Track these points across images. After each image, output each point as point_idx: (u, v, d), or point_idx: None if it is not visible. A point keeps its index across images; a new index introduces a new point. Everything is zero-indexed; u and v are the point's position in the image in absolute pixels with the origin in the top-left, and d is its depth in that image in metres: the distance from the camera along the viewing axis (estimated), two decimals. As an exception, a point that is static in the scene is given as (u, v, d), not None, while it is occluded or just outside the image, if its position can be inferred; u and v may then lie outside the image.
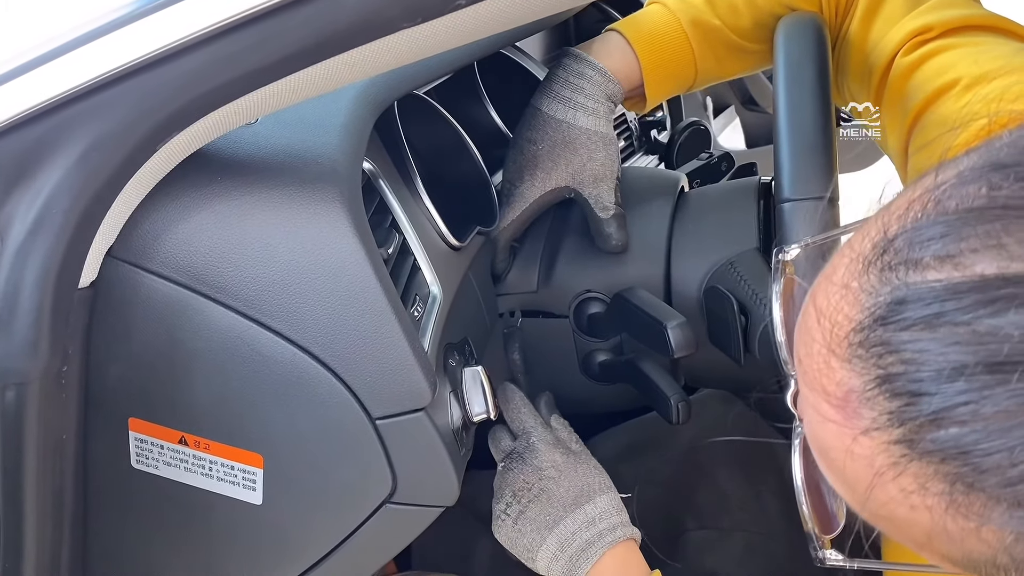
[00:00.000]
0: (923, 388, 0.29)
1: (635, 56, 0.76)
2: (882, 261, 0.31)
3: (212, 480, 0.59)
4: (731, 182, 0.88)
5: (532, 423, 0.70)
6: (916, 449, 0.29)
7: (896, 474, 0.30)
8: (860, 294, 0.31)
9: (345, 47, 0.47)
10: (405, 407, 0.56)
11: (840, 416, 0.31)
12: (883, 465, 0.30)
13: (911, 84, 0.65)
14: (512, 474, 0.68)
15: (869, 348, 0.30)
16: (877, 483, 0.31)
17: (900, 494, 0.31)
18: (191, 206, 0.55)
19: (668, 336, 0.65)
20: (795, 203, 0.58)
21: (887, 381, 0.30)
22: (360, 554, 0.61)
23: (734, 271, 0.71)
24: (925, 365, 0.29)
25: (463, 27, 0.48)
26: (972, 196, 0.30)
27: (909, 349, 0.29)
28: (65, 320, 0.53)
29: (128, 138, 0.49)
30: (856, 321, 0.31)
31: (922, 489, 0.30)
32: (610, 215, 0.75)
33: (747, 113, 1.80)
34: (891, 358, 0.30)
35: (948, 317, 0.28)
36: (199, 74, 0.47)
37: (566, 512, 0.66)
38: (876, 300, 0.30)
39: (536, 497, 0.67)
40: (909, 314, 0.29)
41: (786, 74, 0.64)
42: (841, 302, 0.32)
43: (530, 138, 0.75)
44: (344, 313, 0.54)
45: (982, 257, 0.28)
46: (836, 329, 0.32)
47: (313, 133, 0.58)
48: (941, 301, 0.28)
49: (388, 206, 0.65)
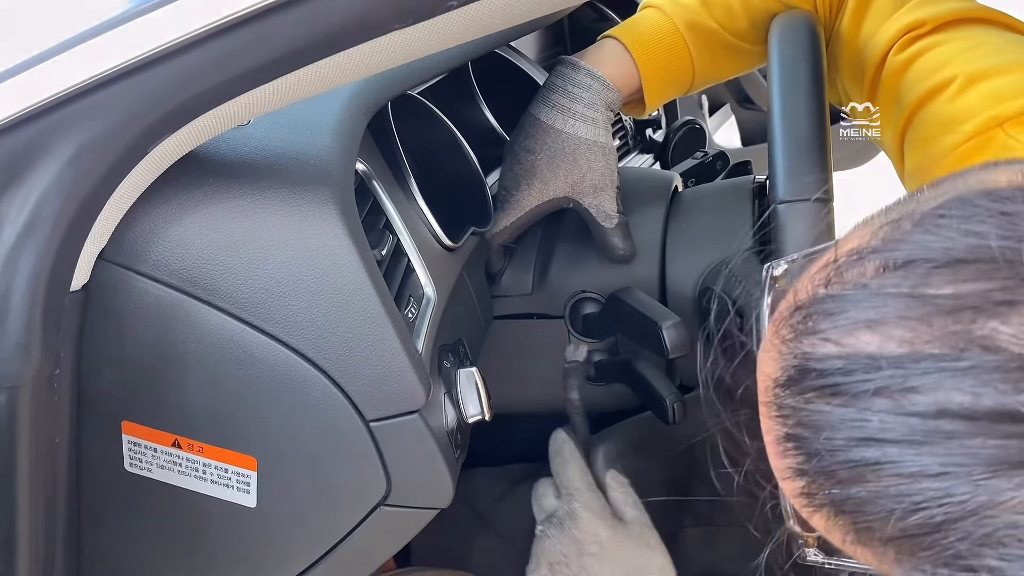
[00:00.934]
0: (815, 451, 0.32)
1: (633, 62, 0.75)
2: (788, 327, 0.34)
3: (206, 483, 0.59)
4: (725, 181, 0.88)
5: (578, 483, 0.66)
6: (814, 501, 0.33)
7: (809, 514, 0.34)
8: (776, 354, 0.34)
9: (337, 48, 0.47)
10: (399, 409, 0.56)
11: (772, 456, 0.35)
12: (799, 505, 0.34)
13: (904, 81, 0.64)
14: (549, 543, 0.64)
15: (780, 407, 0.34)
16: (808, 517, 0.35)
17: (819, 527, 0.34)
18: (183, 208, 0.54)
19: (663, 336, 0.65)
20: (789, 204, 0.58)
21: (792, 439, 0.33)
22: (355, 557, 0.61)
23: (729, 272, 0.71)
24: (816, 432, 0.32)
25: (456, 28, 0.48)
26: (863, 275, 0.32)
27: (805, 415, 0.32)
28: (57, 323, 0.53)
29: (119, 141, 0.48)
30: (773, 379, 0.34)
31: (828, 532, 0.34)
32: (614, 224, 0.74)
33: (743, 111, 1.80)
34: (793, 419, 0.33)
35: (836, 390, 0.31)
36: (190, 76, 0.47)
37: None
38: (785, 363, 0.34)
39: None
40: (807, 383, 0.32)
41: (780, 74, 0.64)
42: (765, 359, 0.35)
43: (528, 147, 0.75)
44: (337, 315, 0.54)
45: (864, 337, 0.31)
46: (762, 383, 0.35)
47: (306, 134, 0.58)
48: (831, 375, 0.31)
49: (382, 207, 0.64)
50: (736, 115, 1.82)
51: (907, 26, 0.66)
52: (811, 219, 0.57)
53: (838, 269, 0.33)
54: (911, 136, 0.63)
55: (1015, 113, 0.57)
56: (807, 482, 0.33)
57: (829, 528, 0.33)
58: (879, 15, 0.69)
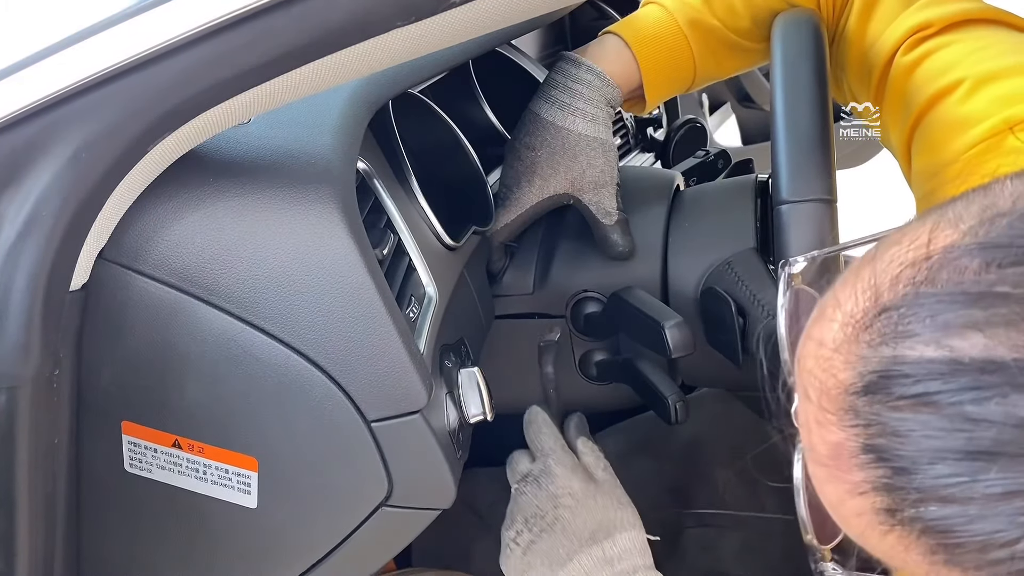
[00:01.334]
0: (907, 465, 0.30)
1: (633, 58, 0.75)
2: (873, 330, 0.31)
3: (206, 484, 0.58)
4: (728, 180, 0.88)
5: (551, 444, 0.67)
6: (898, 518, 0.31)
7: (882, 533, 0.32)
8: (851, 357, 0.32)
9: (339, 46, 0.47)
10: (401, 409, 0.56)
11: (833, 465, 0.33)
12: (871, 523, 0.32)
13: (912, 83, 0.64)
14: (525, 499, 0.64)
15: (857, 415, 0.31)
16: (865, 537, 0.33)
17: (886, 548, 0.32)
18: (183, 207, 0.54)
19: (666, 336, 0.65)
20: (793, 205, 0.58)
21: (873, 451, 0.31)
22: (356, 557, 0.60)
23: (731, 271, 0.71)
24: (909, 443, 0.30)
25: (457, 26, 0.48)
26: (964, 272, 0.30)
27: (895, 425, 0.30)
28: (56, 323, 0.52)
29: (119, 139, 0.48)
30: (846, 384, 0.32)
31: (905, 551, 0.31)
32: (613, 221, 0.74)
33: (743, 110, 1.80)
34: (877, 429, 0.30)
35: (933, 398, 0.29)
36: (191, 74, 0.47)
37: (581, 547, 0.61)
38: (865, 368, 0.31)
39: (549, 527, 0.63)
40: (896, 390, 0.30)
41: (783, 73, 0.63)
42: (832, 363, 0.33)
43: (528, 144, 0.74)
44: (338, 315, 0.54)
45: (969, 339, 0.29)
46: (827, 389, 0.33)
47: (307, 133, 0.57)
48: (927, 381, 0.29)
49: (383, 206, 0.64)
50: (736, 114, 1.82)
51: (914, 27, 0.65)
52: (815, 220, 0.57)
53: (931, 268, 0.31)
54: (919, 138, 0.63)
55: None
56: (892, 498, 0.30)
57: (906, 547, 0.31)
58: (886, 15, 0.69)
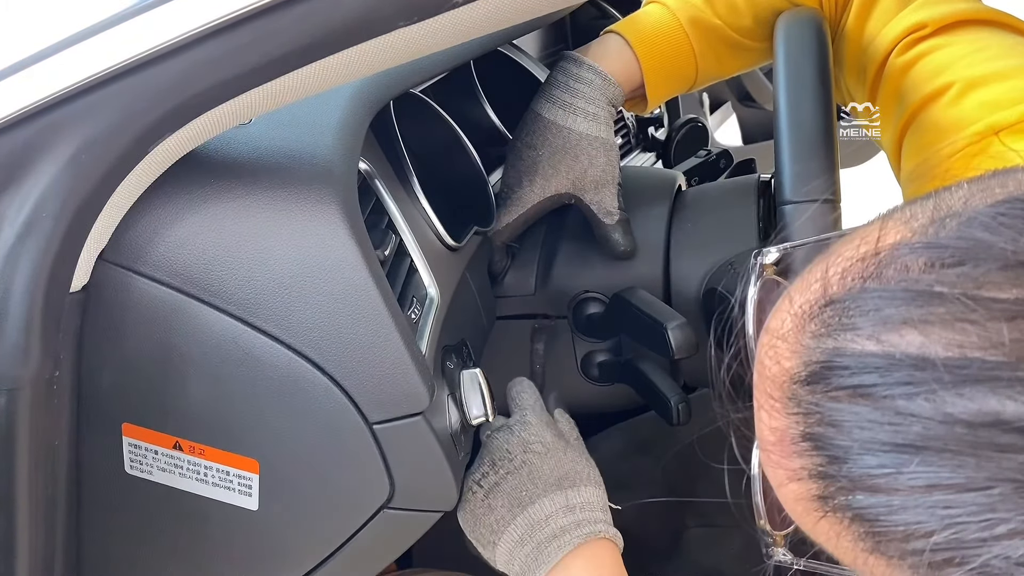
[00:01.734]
0: (839, 454, 0.30)
1: (635, 58, 0.75)
2: (818, 321, 0.32)
3: (207, 486, 0.58)
4: (730, 180, 0.88)
5: (531, 401, 0.67)
6: (830, 505, 0.31)
7: (815, 520, 0.32)
8: (798, 347, 0.32)
9: (340, 46, 0.46)
10: (402, 411, 0.55)
11: (776, 451, 0.34)
12: (806, 508, 0.33)
13: (905, 84, 0.64)
14: (495, 443, 0.64)
15: (799, 403, 0.32)
16: (802, 521, 0.33)
17: (820, 534, 0.33)
18: (184, 208, 0.54)
19: (668, 337, 0.65)
20: (796, 205, 0.57)
21: (811, 439, 0.31)
22: (358, 560, 0.60)
23: (734, 272, 0.70)
24: (843, 433, 0.30)
25: (459, 26, 0.48)
26: (908, 270, 0.30)
27: (831, 415, 0.31)
28: (57, 325, 0.52)
29: (119, 140, 0.48)
30: (792, 373, 0.32)
31: (836, 537, 0.32)
32: (615, 221, 0.74)
33: (743, 109, 1.80)
34: (816, 418, 0.31)
35: (868, 391, 0.29)
36: (191, 74, 0.47)
37: (546, 492, 0.61)
38: (810, 358, 0.32)
39: (516, 469, 0.62)
40: (835, 381, 0.31)
41: (786, 72, 0.63)
42: (779, 353, 0.33)
43: (530, 143, 0.74)
44: (340, 316, 0.53)
45: (906, 336, 0.29)
46: (774, 376, 0.33)
47: (308, 133, 0.57)
48: (863, 374, 0.30)
49: (384, 207, 0.64)
50: (737, 113, 1.82)
51: (909, 27, 0.65)
52: (818, 220, 0.56)
53: (879, 264, 0.31)
54: (909, 140, 0.63)
55: (1011, 122, 0.56)
56: (824, 485, 0.31)
57: (838, 534, 0.32)
58: (884, 15, 0.68)
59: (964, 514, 0.27)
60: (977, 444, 0.27)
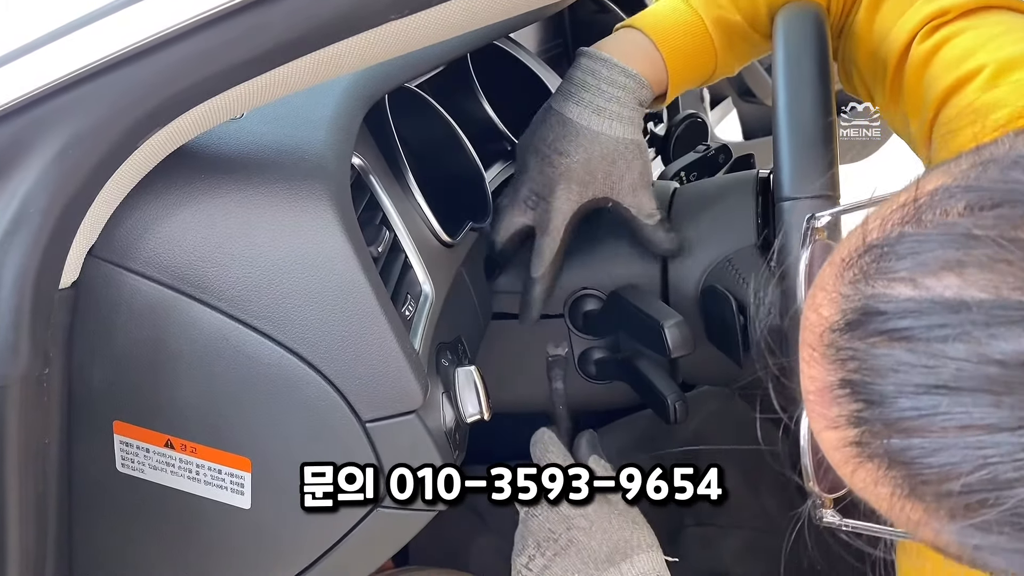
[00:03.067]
0: (877, 398, 0.31)
1: (662, 59, 0.73)
2: (857, 268, 0.33)
3: (199, 484, 0.58)
4: (728, 176, 0.87)
5: (560, 461, 0.64)
6: (867, 451, 0.32)
7: (854, 468, 0.33)
8: (836, 296, 0.33)
9: (331, 40, 0.46)
10: (396, 409, 0.55)
11: (816, 402, 0.34)
12: (844, 457, 0.33)
13: (931, 72, 0.63)
14: (535, 521, 0.62)
15: (838, 351, 0.32)
16: (841, 470, 0.34)
17: (860, 483, 0.33)
18: (174, 204, 0.53)
19: (665, 336, 0.64)
20: (795, 201, 0.57)
21: (850, 385, 0.32)
22: (351, 559, 0.60)
23: (732, 269, 0.70)
24: (879, 377, 0.31)
25: (453, 19, 0.47)
26: (947, 214, 0.30)
27: (869, 359, 0.31)
28: (46, 322, 0.51)
29: (107, 135, 0.47)
30: (830, 322, 0.33)
31: (874, 485, 0.32)
32: (656, 221, 0.73)
33: (744, 105, 1.79)
34: (854, 364, 0.32)
35: (904, 335, 0.30)
36: (180, 68, 0.46)
37: (598, 570, 0.59)
38: (847, 306, 0.32)
39: (563, 550, 0.60)
40: (872, 326, 0.31)
41: (785, 67, 0.63)
42: (820, 302, 0.34)
43: (560, 149, 0.71)
44: (333, 313, 0.53)
45: (944, 280, 0.29)
46: (814, 327, 0.34)
47: (300, 128, 0.57)
48: (900, 318, 0.30)
49: (379, 202, 0.63)
50: (738, 108, 1.81)
51: (931, 15, 0.64)
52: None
53: (918, 209, 0.31)
54: (940, 127, 0.62)
55: None
56: (862, 431, 0.31)
57: (876, 481, 0.32)
58: (898, 5, 0.67)
59: (997, 454, 0.27)
60: (1011, 384, 0.27)
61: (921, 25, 0.65)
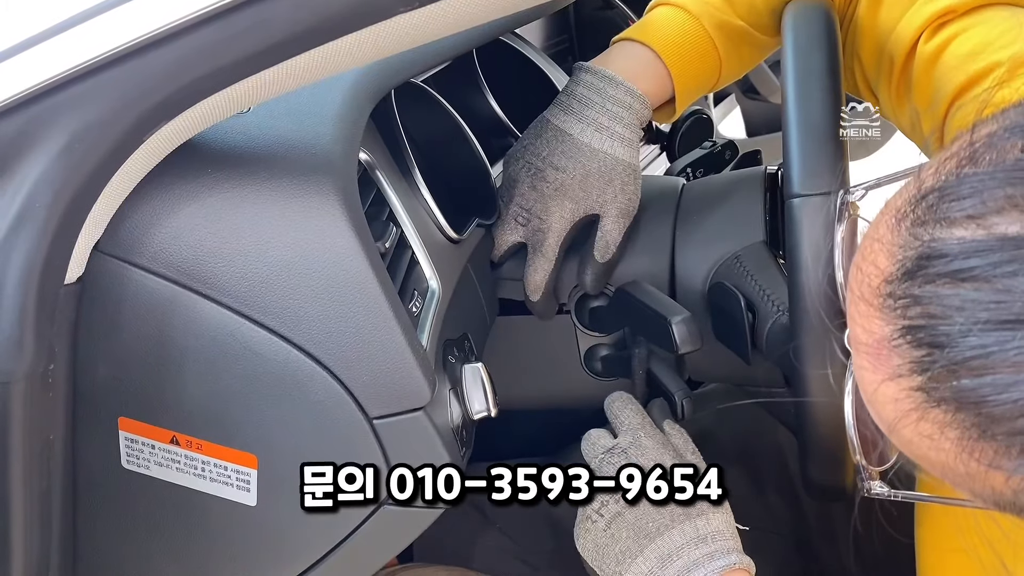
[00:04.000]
0: (943, 340, 0.31)
1: (667, 73, 0.72)
2: (914, 216, 0.33)
3: (205, 481, 0.57)
4: (736, 172, 0.87)
5: (639, 420, 0.64)
6: (934, 396, 0.32)
7: (917, 418, 0.33)
8: (892, 247, 0.33)
9: (339, 33, 0.45)
10: (403, 406, 0.54)
11: (872, 362, 0.34)
12: (906, 409, 0.33)
13: (939, 69, 0.62)
14: (609, 468, 0.60)
15: (897, 300, 0.32)
16: (902, 424, 0.33)
17: (920, 436, 0.33)
18: (181, 199, 0.53)
19: (672, 331, 0.64)
20: (805, 199, 0.56)
21: (912, 332, 0.32)
22: (357, 557, 0.59)
23: (740, 266, 0.69)
24: (946, 319, 0.30)
25: (462, 12, 0.47)
26: (1006, 152, 0.31)
27: (932, 303, 0.31)
28: (51, 317, 0.51)
29: (113, 128, 0.47)
30: (887, 273, 0.33)
31: (939, 433, 0.32)
32: (603, 260, 0.72)
33: (748, 102, 1.79)
34: (916, 310, 0.32)
35: (969, 274, 0.30)
36: (188, 61, 0.46)
37: (673, 522, 0.58)
38: (905, 254, 0.32)
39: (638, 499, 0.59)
40: (934, 269, 0.31)
41: (795, 63, 0.62)
42: (875, 255, 0.34)
43: (557, 164, 0.70)
44: (340, 309, 0.52)
45: (1008, 217, 0.29)
46: (870, 280, 0.34)
47: (307, 123, 0.56)
48: (963, 258, 0.30)
49: (385, 198, 0.63)
50: (741, 106, 1.81)
51: (937, 13, 0.63)
52: (827, 213, 0.55)
53: (975, 151, 0.31)
54: (954, 125, 0.61)
55: None
56: (927, 376, 0.31)
57: (941, 429, 0.32)
58: (899, 2, 0.67)
59: None
60: None
61: (927, 23, 0.64)
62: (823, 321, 0.46)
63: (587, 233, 0.73)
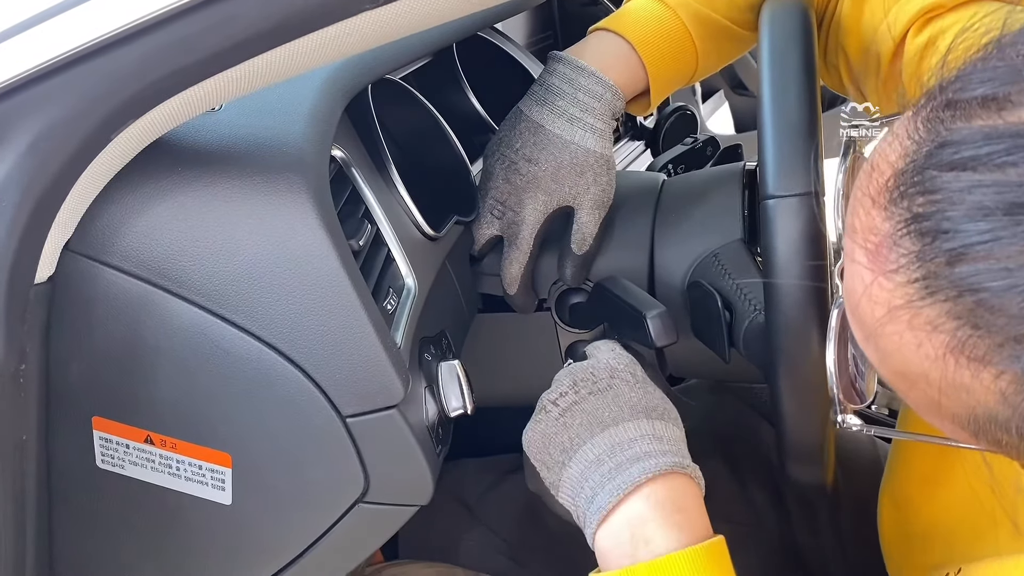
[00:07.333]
0: (946, 227, 0.30)
1: (641, 64, 0.72)
2: (931, 107, 0.32)
3: (180, 480, 0.57)
4: (715, 168, 0.86)
5: (612, 344, 0.63)
6: (931, 287, 0.31)
7: (910, 314, 0.32)
8: (906, 141, 0.33)
9: (306, 30, 0.45)
10: (376, 404, 0.54)
11: (869, 261, 0.33)
12: (899, 305, 0.32)
13: (928, 64, 0.62)
14: (578, 365, 0.59)
15: (905, 191, 0.32)
16: (889, 325, 0.33)
17: (910, 334, 0.32)
18: (151, 197, 0.53)
19: (648, 326, 0.64)
20: (779, 200, 0.56)
21: (915, 221, 0.31)
22: (334, 554, 0.59)
23: (718, 264, 0.69)
24: (952, 205, 0.30)
25: (430, 9, 0.46)
26: (1018, 48, 0.31)
27: (940, 190, 0.31)
28: (22, 317, 0.51)
29: (80, 127, 0.46)
30: (898, 168, 0.32)
31: (932, 329, 0.32)
32: (581, 252, 0.72)
33: (736, 98, 1.79)
34: (923, 199, 0.31)
35: (981, 160, 0.30)
36: (152, 59, 0.45)
37: (633, 416, 0.55)
38: (919, 147, 0.32)
39: (600, 392, 0.57)
40: (946, 157, 0.31)
41: (770, 62, 0.62)
42: (888, 150, 0.34)
43: (529, 157, 0.70)
44: (311, 308, 0.52)
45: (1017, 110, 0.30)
46: (879, 177, 0.33)
47: (279, 120, 0.56)
48: (978, 146, 0.30)
49: (361, 195, 0.62)
50: (730, 101, 1.81)
51: (924, 9, 0.63)
52: (802, 214, 0.55)
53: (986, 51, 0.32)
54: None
55: None
56: (929, 268, 0.31)
57: (936, 324, 0.31)
58: None
59: None
60: None
61: (915, 18, 0.64)
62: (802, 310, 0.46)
63: (565, 226, 0.73)
